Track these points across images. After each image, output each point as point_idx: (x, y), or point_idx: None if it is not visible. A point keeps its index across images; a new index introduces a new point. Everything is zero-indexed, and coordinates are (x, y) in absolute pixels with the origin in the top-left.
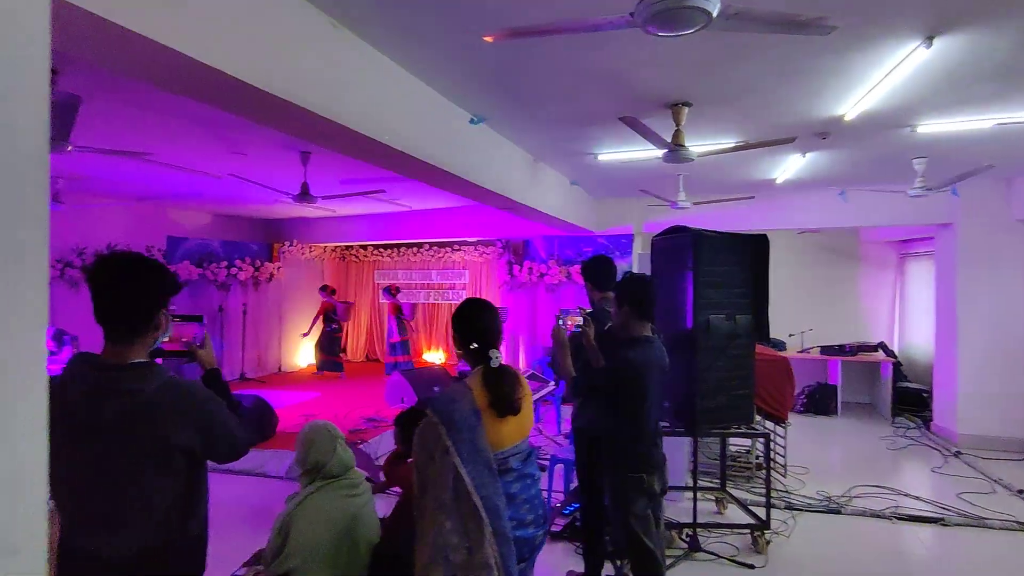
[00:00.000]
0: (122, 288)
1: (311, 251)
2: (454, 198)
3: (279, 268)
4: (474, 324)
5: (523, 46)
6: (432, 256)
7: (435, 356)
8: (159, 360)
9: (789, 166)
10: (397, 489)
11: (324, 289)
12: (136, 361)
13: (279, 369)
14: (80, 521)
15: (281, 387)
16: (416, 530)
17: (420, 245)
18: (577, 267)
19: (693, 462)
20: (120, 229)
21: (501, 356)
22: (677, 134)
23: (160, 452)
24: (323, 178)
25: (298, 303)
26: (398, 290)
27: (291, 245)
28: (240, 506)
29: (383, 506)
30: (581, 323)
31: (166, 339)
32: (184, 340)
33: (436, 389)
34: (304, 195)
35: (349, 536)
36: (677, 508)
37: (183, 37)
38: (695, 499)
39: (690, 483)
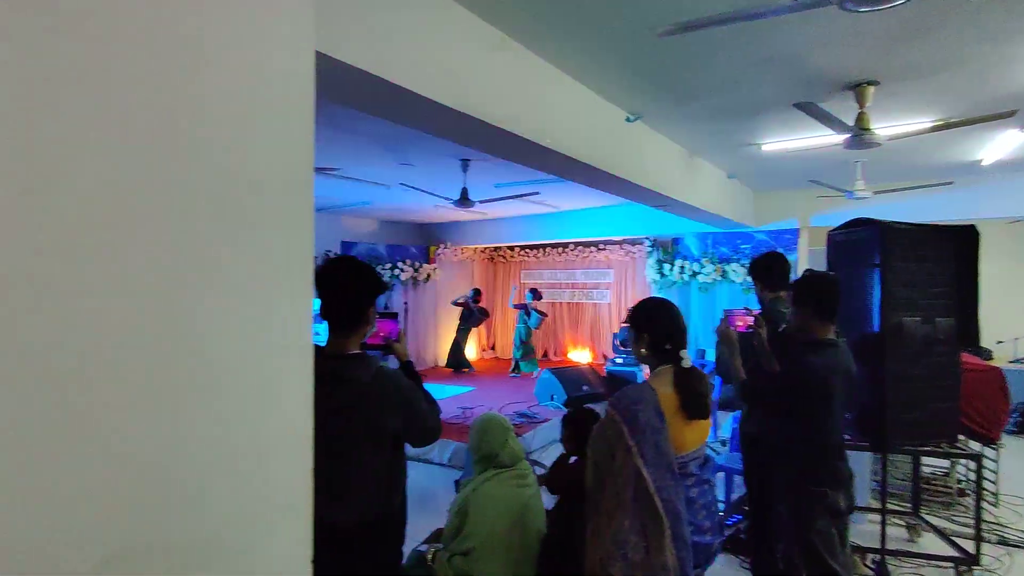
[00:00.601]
0: (345, 287)
1: (463, 253)
2: (601, 197)
3: (435, 269)
4: (664, 324)
5: (684, 39)
6: (577, 255)
7: (581, 355)
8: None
9: (1001, 144)
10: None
11: (477, 292)
12: (354, 352)
13: (435, 364)
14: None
15: (437, 380)
16: (589, 525)
17: (565, 245)
18: (734, 265)
19: (880, 482)
20: None
21: (690, 357)
22: (861, 117)
23: (373, 433)
24: (479, 183)
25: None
26: (540, 296)
27: (445, 247)
28: (410, 489)
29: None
30: (752, 323)
31: (371, 333)
32: (382, 334)
33: (584, 388)
34: (463, 200)
35: (521, 523)
36: (859, 531)
37: (383, 65)
38: (883, 523)
39: (874, 504)
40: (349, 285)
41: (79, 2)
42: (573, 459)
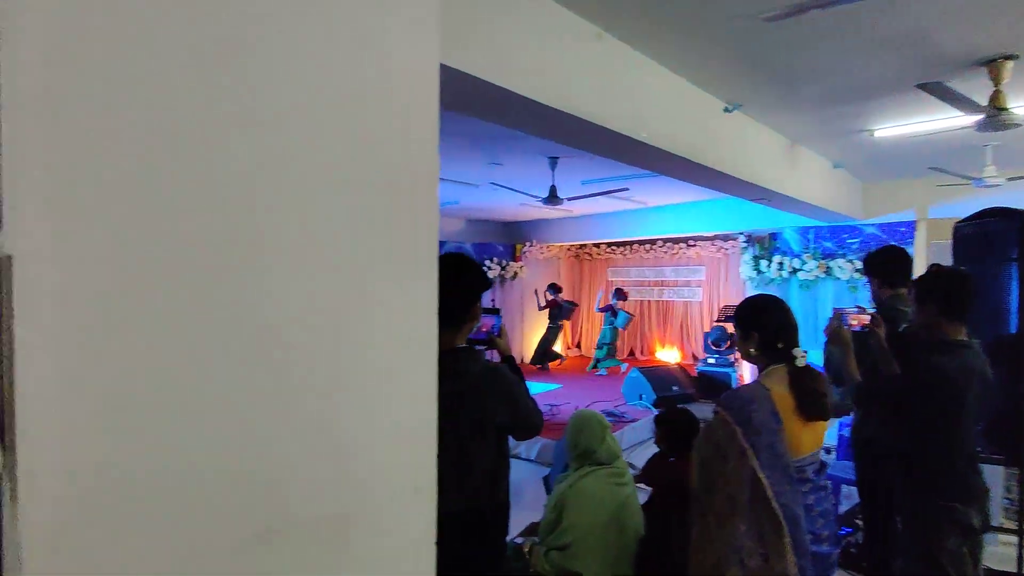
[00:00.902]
0: (455, 282)
1: (548, 250)
2: (692, 192)
3: (521, 267)
4: (775, 322)
5: (790, 22)
6: (665, 252)
7: (669, 355)
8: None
9: None
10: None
11: (552, 287)
12: (462, 346)
13: (521, 360)
14: None
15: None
16: (695, 527)
17: (653, 241)
18: (839, 261)
19: (1015, 500)
20: None
21: (805, 355)
22: (997, 95)
23: (480, 426)
24: (567, 180)
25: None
26: (625, 297)
27: (531, 245)
28: None
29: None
30: (868, 322)
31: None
32: (484, 329)
33: (675, 389)
34: (552, 197)
35: (618, 522)
36: (991, 553)
37: (484, 67)
38: (1020, 545)
39: (1008, 524)
40: (458, 280)
41: (230, 30)
42: (672, 458)
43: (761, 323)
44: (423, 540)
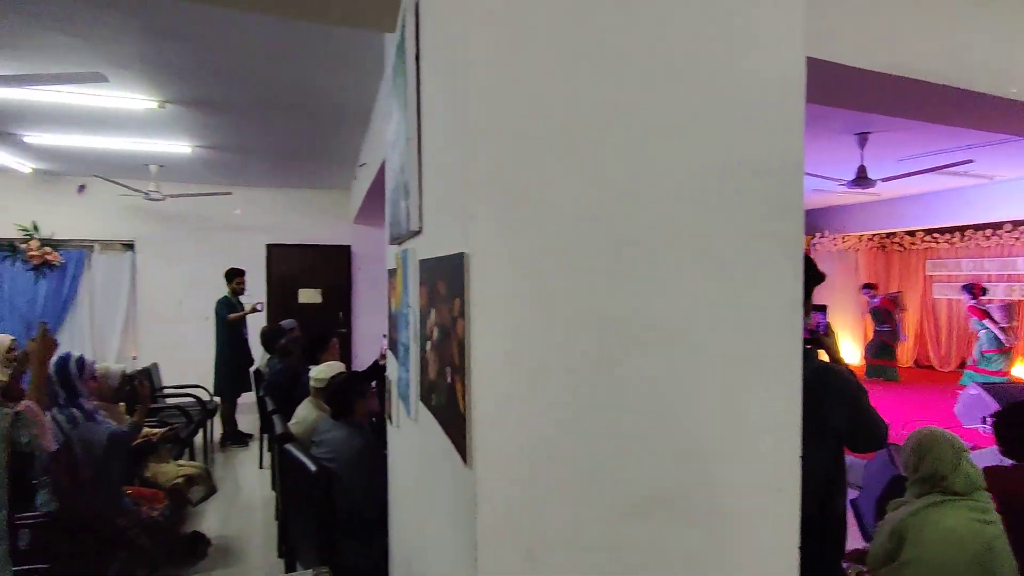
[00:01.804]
0: None
1: (844, 241)
2: None
3: None
4: None
5: None
6: (1017, 239)
7: (1020, 369)
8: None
9: None
10: None
11: (868, 287)
12: None
13: None
14: None
15: None
16: None
17: (999, 225)
18: None
19: None
20: None
21: None
22: None
23: (814, 429)
24: (878, 158)
25: (830, 299)
26: (984, 291)
27: (823, 236)
28: None
29: None
30: None
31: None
32: (809, 327)
33: None
34: (861, 179)
35: (982, 566)
36: None
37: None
38: None
39: None
40: None
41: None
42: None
43: None
44: (786, 541)
